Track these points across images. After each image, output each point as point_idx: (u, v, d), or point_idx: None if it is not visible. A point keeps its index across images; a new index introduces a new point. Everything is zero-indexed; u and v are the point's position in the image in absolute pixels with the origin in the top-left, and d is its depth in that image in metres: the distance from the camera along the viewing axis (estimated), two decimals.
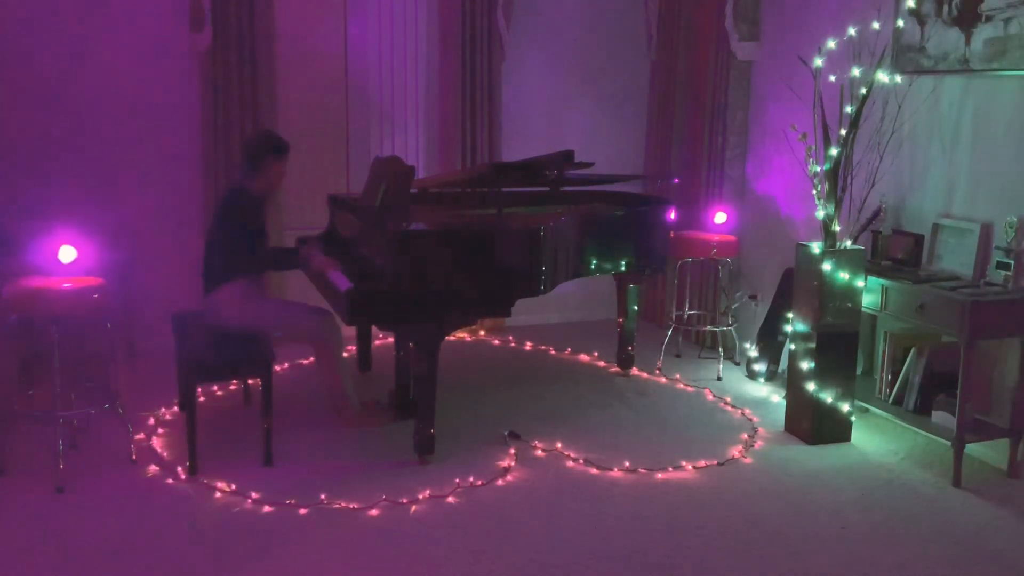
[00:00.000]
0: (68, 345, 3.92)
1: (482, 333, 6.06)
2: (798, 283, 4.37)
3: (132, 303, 5.12)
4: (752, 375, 5.25)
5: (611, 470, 3.96)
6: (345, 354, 4.39)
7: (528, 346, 5.81)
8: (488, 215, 4.48)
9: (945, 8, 4.24)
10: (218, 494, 3.66)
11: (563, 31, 6.19)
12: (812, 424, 4.29)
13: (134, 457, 3.94)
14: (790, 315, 4.47)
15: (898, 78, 4.41)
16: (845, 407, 4.31)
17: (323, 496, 3.62)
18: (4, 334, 4.07)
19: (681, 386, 5.12)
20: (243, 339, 4.04)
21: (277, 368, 5.03)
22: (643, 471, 3.96)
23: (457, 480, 3.80)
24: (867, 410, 4.56)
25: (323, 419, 4.41)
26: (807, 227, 5.07)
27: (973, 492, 3.81)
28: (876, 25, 4.40)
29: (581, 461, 4.05)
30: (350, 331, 5.18)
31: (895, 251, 4.42)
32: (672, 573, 3.16)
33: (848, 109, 4.31)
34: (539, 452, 4.14)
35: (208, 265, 4.22)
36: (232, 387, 4.84)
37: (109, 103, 5.25)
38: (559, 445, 4.20)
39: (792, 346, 4.40)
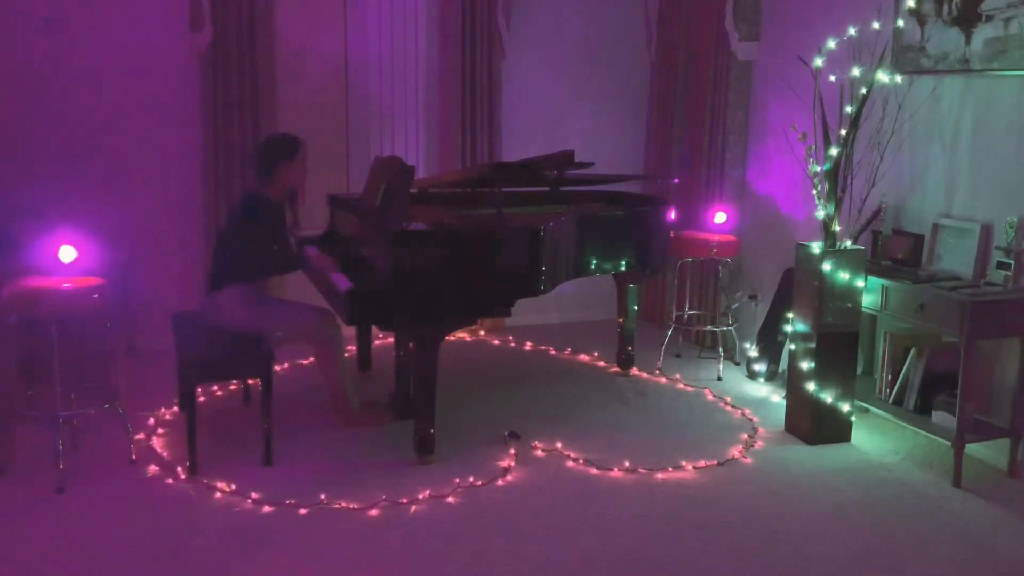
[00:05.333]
0: (68, 345, 3.92)
1: (482, 333, 6.06)
2: (798, 283, 4.37)
3: (132, 303, 5.12)
4: (752, 375, 5.25)
5: (611, 470, 3.96)
6: (345, 354, 4.39)
7: (528, 346, 5.81)
8: (488, 215, 4.47)
9: (945, 8, 4.24)
10: (218, 494, 3.66)
11: (563, 31, 6.19)
12: (812, 424, 4.29)
13: (134, 457, 3.94)
14: (790, 315, 4.47)
15: (898, 78, 4.41)
16: (845, 407, 4.31)
17: (323, 496, 3.62)
18: (4, 334, 4.07)
19: (681, 386, 5.12)
20: (243, 339, 4.04)
21: (277, 368, 5.03)
22: (643, 471, 3.96)
23: (457, 480, 3.80)
24: (867, 410, 4.56)
25: (323, 419, 4.41)
26: (807, 227, 5.07)
27: (973, 492, 3.81)
28: (876, 25, 4.40)
29: (581, 461, 4.05)
30: (350, 331, 5.18)
31: (895, 251, 4.42)
32: (672, 573, 3.16)
33: (848, 109, 4.31)
34: (539, 452, 4.14)
35: (216, 265, 4.21)
36: (232, 387, 4.84)
37: (109, 103, 5.26)
38: (559, 445, 4.20)
39: (792, 346, 4.40)
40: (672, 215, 5.00)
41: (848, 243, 4.32)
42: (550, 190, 4.94)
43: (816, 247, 4.24)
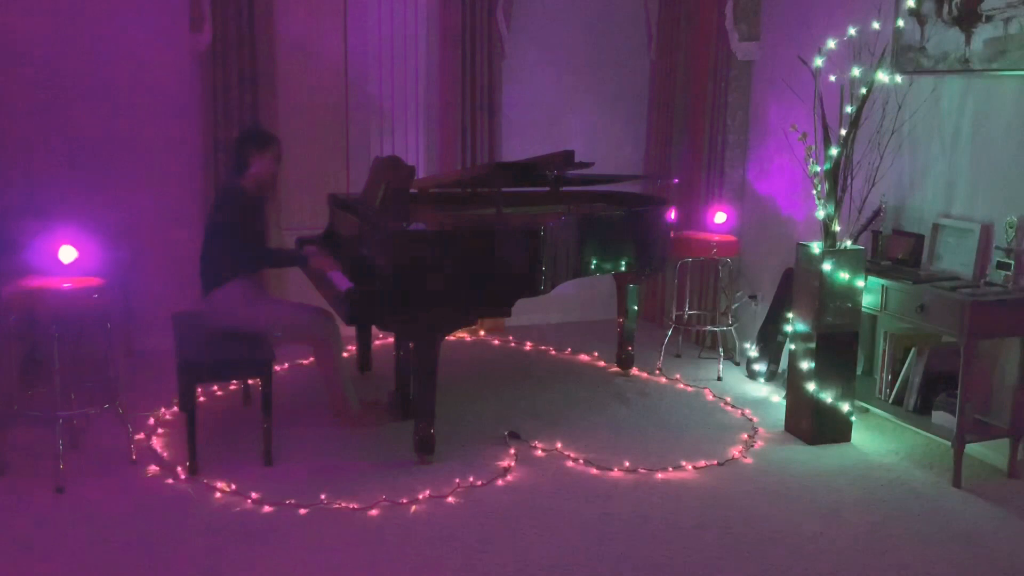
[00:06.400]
0: (68, 345, 3.92)
1: (482, 333, 6.06)
2: (798, 283, 4.37)
3: (132, 303, 5.12)
4: (752, 375, 5.25)
5: (611, 470, 3.96)
6: (345, 354, 4.39)
7: (528, 346, 5.81)
8: (488, 215, 4.47)
9: (945, 8, 4.24)
10: (218, 494, 3.66)
11: (563, 31, 6.19)
12: (812, 424, 4.29)
13: (134, 457, 3.94)
14: (790, 315, 4.47)
15: (898, 78, 4.41)
16: (845, 407, 4.31)
17: (323, 496, 3.62)
18: (4, 334, 4.07)
19: (681, 386, 5.12)
20: (243, 339, 4.04)
21: (277, 368, 5.03)
22: (643, 471, 3.96)
23: (457, 480, 3.80)
24: (867, 410, 4.56)
25: (323, 419, 4.41)
26: (807, 227, 5.07)
27: (973, 492, 3.81)
28: (876, 25, 4.40)
29: (581, 461, 4.05)
30: (350, 331, 5.18)
31: (895, 251, 4.42)
32: (672, 573, 3.16)
33: (848, 109, 4.31)
34: (539, 452, 4.14)
35: (205, 265, 4.22)
36: (232, 387, 4.84)
37: (109, 103, 5.25)
38: (559, 445, 4.20)
39: (792, 346, 4.40)
40: (672, 215, 5.00)
41: (848, 243, 4.33)
42: (550, 190, 4.94)
43: (816, 247, 4.24)
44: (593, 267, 4.55)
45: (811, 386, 4.27)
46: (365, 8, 5.80)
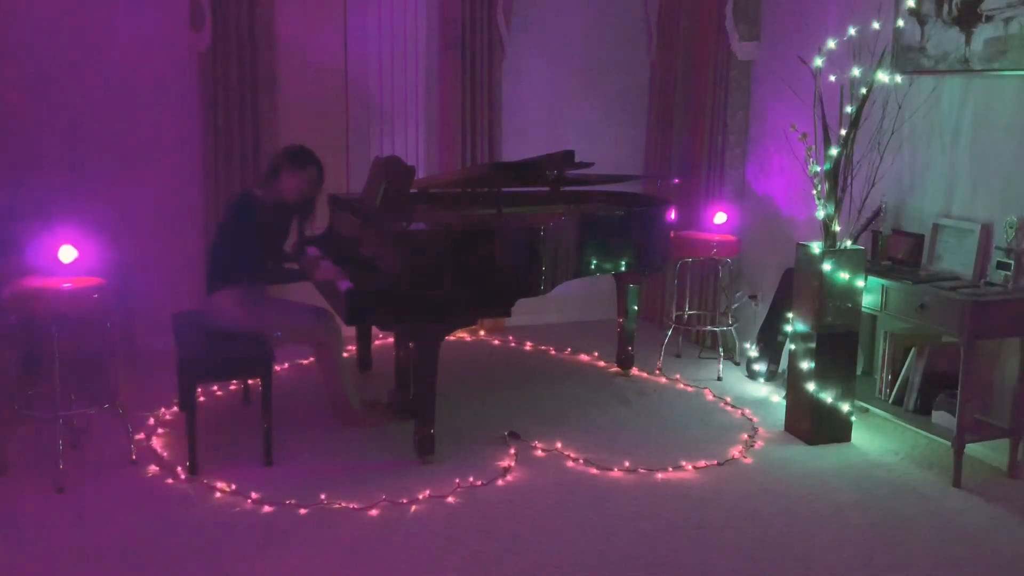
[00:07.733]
0: (68, 345, 3.92)
1: (482, 333, 6.06)
2: (798, 283, 4.37)
3: (132, 303, 5.12)
4: (752, 375, 5.25)
5: (611, 470, 3.96)
6: (345, 354, 4.39)
7: (528, 346, 5.81)
8: (488, 215, 4.48)
9: (945, 8, 4.25)
10: (218, 494, 3.66)
11: (563, 31, 6.19)
12: (812, 424, 4.29)
13: (134, 457, 3.95)
14: (790, 315, 4.47)
15: (898, 78, 4.41)
16: (845, 407, 4.31)
17: (323, 496, 3.62)
18: (4, 334, 4.07)
19: (681, 386, 5.12)
20: (243, 339, 4.04)
21: (277, 368, 5.03)
22: (643, 471, 3.96)
23: (457, 480, 3.80)
24: (867, 410, 4.56)
25: (323, 419, 4.41)
26: (807, 227, 5.07)
27: (973, 492, 3.81)
28: (876, 25, 4.40)
29: (581, 461, 4.05)
30: (350, 331, 5.18)
31: (895, 251, 4.42)
32: (672, 573, 3.16)
33: (848, 109, 4.31)
34: (539, 452, 4.14)
35: (210, 266, 4.22)
36: (232, 387, 4.84)
37: (109, 103, 5.25)
38: (559, 445, 4.20)
39: (792, 346, 4.40)
40: (672, 215, 5.00)
41: (848, 243, 4.33)
42: (550, 190, 4.94)
43: (816, 247, 4.24)
44: (593, 267, 4.55)
45: (811, 386, 4.27)
46: (365, 8, 5.80)
